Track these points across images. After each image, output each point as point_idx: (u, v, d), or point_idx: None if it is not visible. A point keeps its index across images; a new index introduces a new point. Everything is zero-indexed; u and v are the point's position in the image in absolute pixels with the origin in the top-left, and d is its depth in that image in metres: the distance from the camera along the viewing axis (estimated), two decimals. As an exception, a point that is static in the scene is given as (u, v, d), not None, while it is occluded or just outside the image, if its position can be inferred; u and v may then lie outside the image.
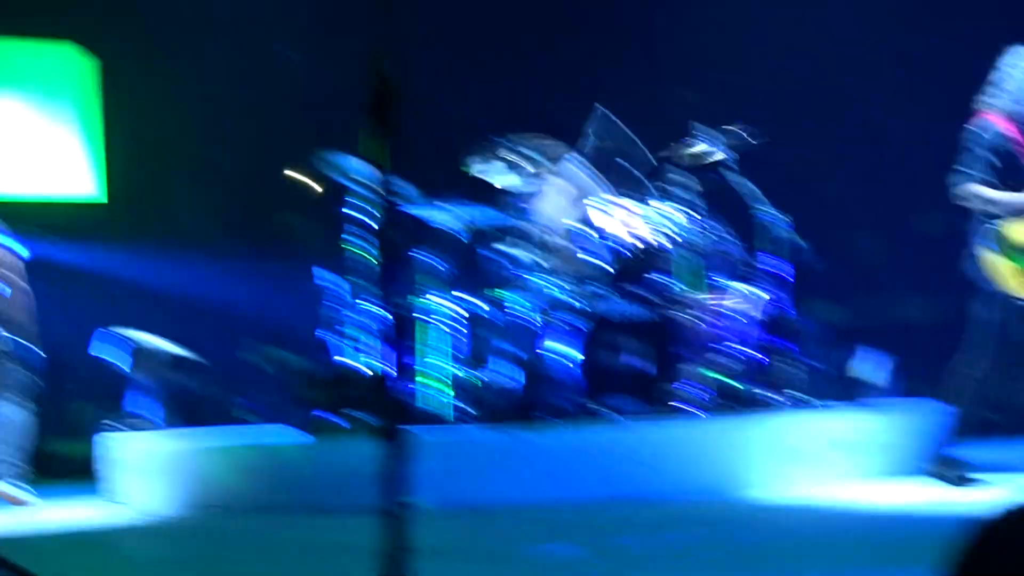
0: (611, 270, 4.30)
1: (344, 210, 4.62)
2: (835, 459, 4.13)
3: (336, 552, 2.89)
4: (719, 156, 4.28)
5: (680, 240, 4.30)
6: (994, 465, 3.74)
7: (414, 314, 4.43)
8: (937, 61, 5.76)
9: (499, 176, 4.47)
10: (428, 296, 4.42)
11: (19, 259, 4.82)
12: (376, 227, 3.81)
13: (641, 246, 4.34)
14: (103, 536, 3.87)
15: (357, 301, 4.58)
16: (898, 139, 5.83)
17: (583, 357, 4.14)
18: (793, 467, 4.06)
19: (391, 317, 2.03)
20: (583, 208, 4.42)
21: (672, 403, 4.16)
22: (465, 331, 4.31)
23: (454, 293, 4.41)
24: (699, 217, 4.30)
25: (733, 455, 4.06)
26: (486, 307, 4.33)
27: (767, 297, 4.25)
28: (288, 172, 5.19)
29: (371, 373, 4.30)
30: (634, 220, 4.33)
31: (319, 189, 4.91)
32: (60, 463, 5.48)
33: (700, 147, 4.31)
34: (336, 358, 4.58)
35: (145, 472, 4.26)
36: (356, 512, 2.42)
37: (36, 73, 6.65)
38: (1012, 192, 3.49)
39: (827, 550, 2.78)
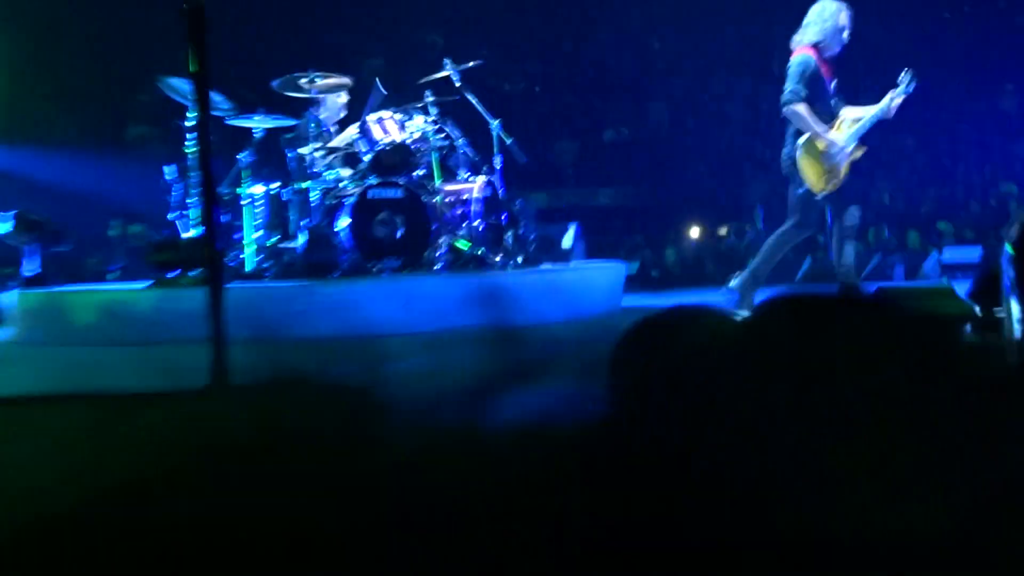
0: (380, 165, 5.84)
1: (183, 122, 5.99)
2: (546, 302, 5.83)
3: (170, 372, 3.78)
4: (458, 82, 5.80)
5: (430, 143, 5.86)
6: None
7: (239, 200, 5.93)
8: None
9: (296, 94, 5.92)
10: (247, 186, 5.91)
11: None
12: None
13: (404, 148, 5.87)
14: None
15: (194, 191, 6.04)
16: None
17: (359, 229, 5.71)
18: (515, 309, 5.75)
19: (219, 202, 3.40)
20: (364, 121, 5.93)
21: (421, 262, 5.80)
22: (271, 211, 5.84)
23: (265, 182, 5.91)
24: (441, 126, 5.86)
25: (468, 300, 5.71)
26: (288, 193, 5.85)
27: (490, 184, 5.87)
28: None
29: (202, 242, 5.81)
30: (397, 130, 5.85)
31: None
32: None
33: (446, 73, 5.84)
34: (179, 233, 6.09)
35: (26, 315, 5.75)
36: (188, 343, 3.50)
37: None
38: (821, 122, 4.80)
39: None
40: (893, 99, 4.85)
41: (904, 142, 9.46)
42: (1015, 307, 2.30)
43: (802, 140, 4.87)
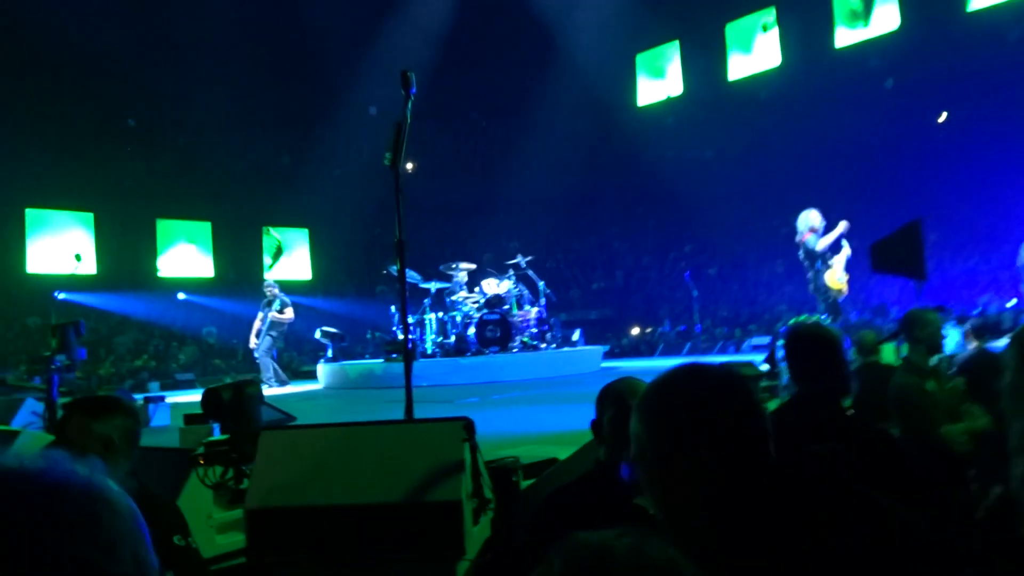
0: (489, 303, 12.78)
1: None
2: (565, 364, 12.70)
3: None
4: (523, 264, 12.88)
5: (511, 292, 12.84)
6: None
7: (424, 320, 12.92)
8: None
9: (449, 271, 12.98)
10: (428, 313, 12.88)
11: None
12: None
13: (499, 296, 12.83)
14: None
15: (426, 317, 13.05)
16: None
17: (479, 333, 12.58)
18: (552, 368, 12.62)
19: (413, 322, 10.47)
20: (480, 284, 12.93)
21: (508, 348, 12.66)
22: (439, 325, 12.78)
23: (436, 313, 12.87)
24: (516, 284, 12.89)
25: (529, 363, 12.57)
26: (446, 317, 12.78)
27: (539, 311, 12.84)
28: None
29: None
30: (495, 286, 12.85)
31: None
32: None
33: (516, 260, 12.91)
34: (396, 336, 13.09)
35: (327, 374, 12.59)
36: (399, 388, 10.71)
37: None
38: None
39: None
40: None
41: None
42: (784, 370, 4.22)
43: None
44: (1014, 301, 11.20)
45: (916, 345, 4.86)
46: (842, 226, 9.16)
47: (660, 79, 24.49)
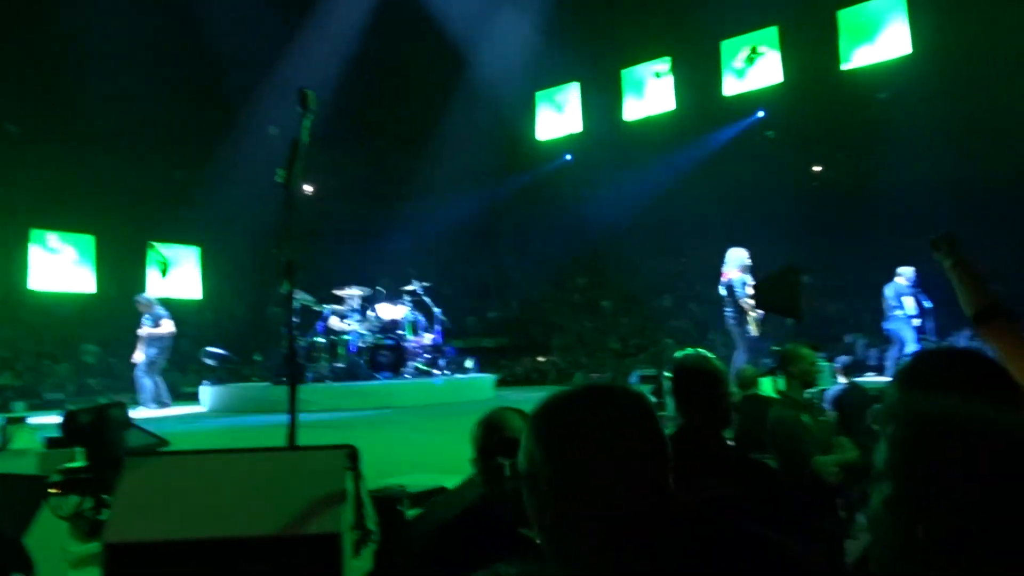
0: (384, 328, 12.58)
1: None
2: (458, 392, 12.61)
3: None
4: (416, 288, 12.76)
5: (406, 318, 12.68)
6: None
7: (315, 344, 12.55)
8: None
9: (343, 295, 12.70)
10: (320, 337, 12.52)
11: None
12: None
13: (394, 321, 12.65)
14: None
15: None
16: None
17: (372, 358, 12.35)
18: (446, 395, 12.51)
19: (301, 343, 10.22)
20: (374, 308, 12.71)
21: (400, 374, 12.48)
22: (330, 348, 12.46)
23: (326, 337, 12.54)
24: (411, 310, 12.75)
25: (424, 390, 12.41)
26: (339, 340, 12.49)
27: (434, 338, 12.73)
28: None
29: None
30: (390, 311, 12.67)
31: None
32: None
33: (412, 287, 12.78)
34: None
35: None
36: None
37: None
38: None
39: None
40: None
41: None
42: (669, 402, 5.04)
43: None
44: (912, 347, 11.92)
45: (791, 380, 5.08)
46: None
47: (560, 114, 25.05)
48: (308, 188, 23.29)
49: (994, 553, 1.07)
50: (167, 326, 12.10)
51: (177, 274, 21.64)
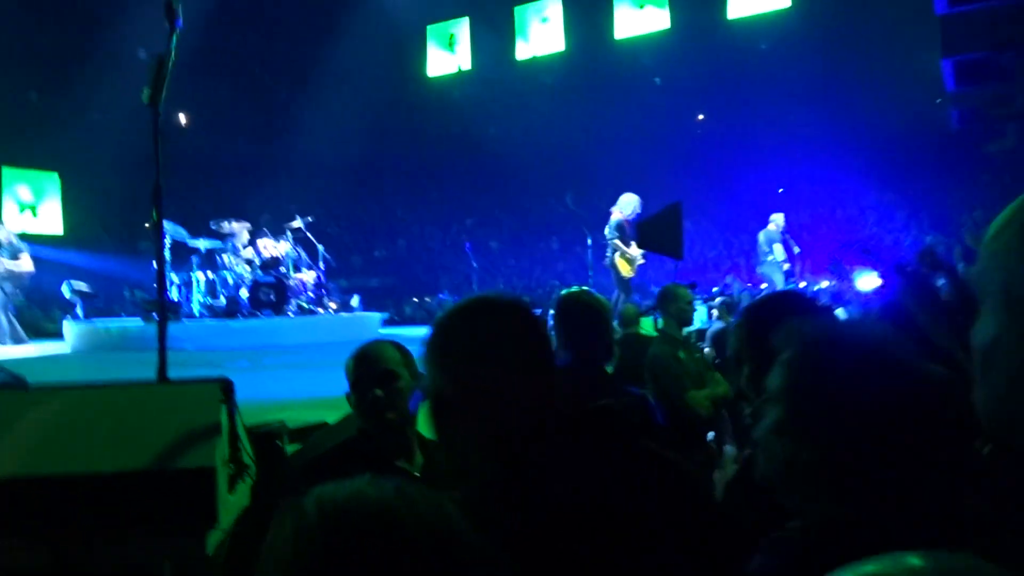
0: (265, 265, 12.16)
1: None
2: (343, 330, 12.43)
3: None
4: (299, 225, 12.38)
5: (288, 255, 12.30)
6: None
7: (190, 281, 12.00)
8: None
9: (222, 229, 12.16)
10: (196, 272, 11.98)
11: None
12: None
13: (276, 258, 12.25)
14: None
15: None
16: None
17: (253, 295, 11.95)
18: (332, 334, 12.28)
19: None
20: (255, 244, 12.25)
21: (283, 312, 12.15)
22: (208, 285, 11.96)
23: (204, 271, 12.03)
24: (295, 247, 12.37)
25: (305, 328, 12.15)
26: (218, 277, 11.99)
27: (317, 275, 12.43)
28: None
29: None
30: (273, 248, 12.25)
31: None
32: None
33: (295, 223, 12.38)
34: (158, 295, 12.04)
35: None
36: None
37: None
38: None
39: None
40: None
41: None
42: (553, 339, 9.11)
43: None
44: (765, 286, 12.59)
45: (669, 318, 5.26)
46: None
47: (450, 52, 24.50)
48: (183, 118, 21.98)
49: (874, 477, 1.11)
50: (26, 260, 11.25)
51: (36, 204, 20.11)
